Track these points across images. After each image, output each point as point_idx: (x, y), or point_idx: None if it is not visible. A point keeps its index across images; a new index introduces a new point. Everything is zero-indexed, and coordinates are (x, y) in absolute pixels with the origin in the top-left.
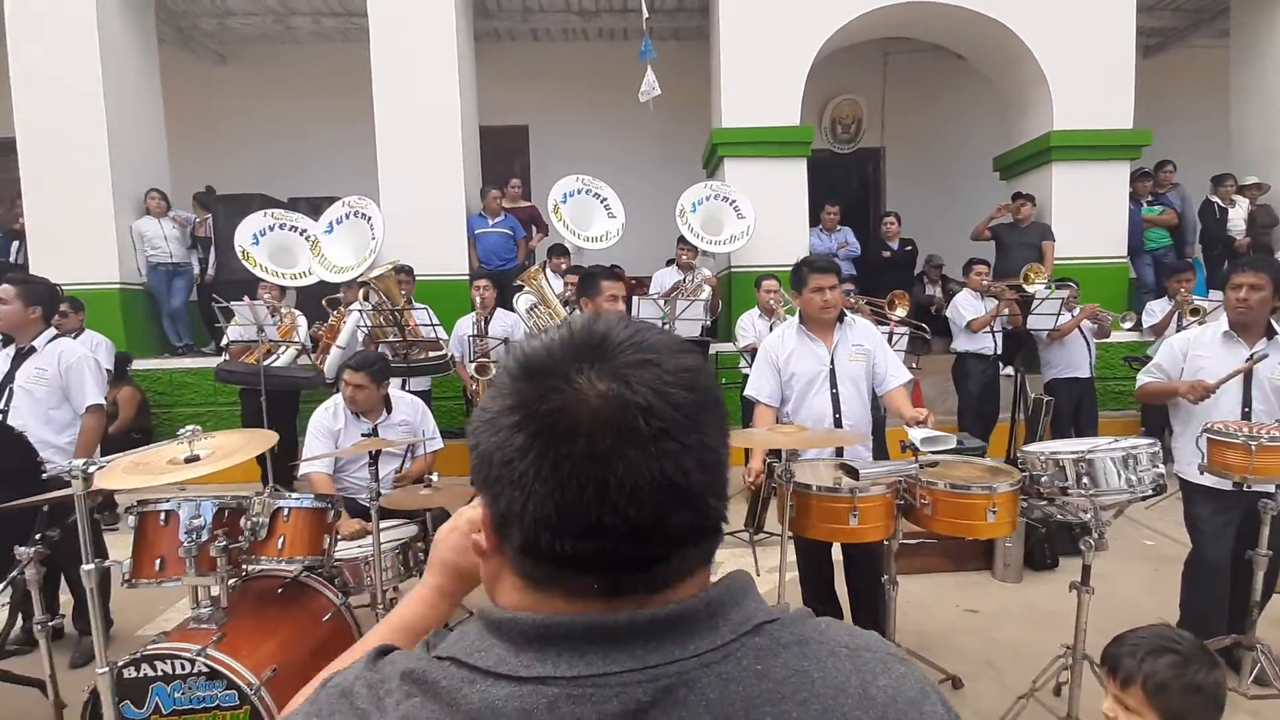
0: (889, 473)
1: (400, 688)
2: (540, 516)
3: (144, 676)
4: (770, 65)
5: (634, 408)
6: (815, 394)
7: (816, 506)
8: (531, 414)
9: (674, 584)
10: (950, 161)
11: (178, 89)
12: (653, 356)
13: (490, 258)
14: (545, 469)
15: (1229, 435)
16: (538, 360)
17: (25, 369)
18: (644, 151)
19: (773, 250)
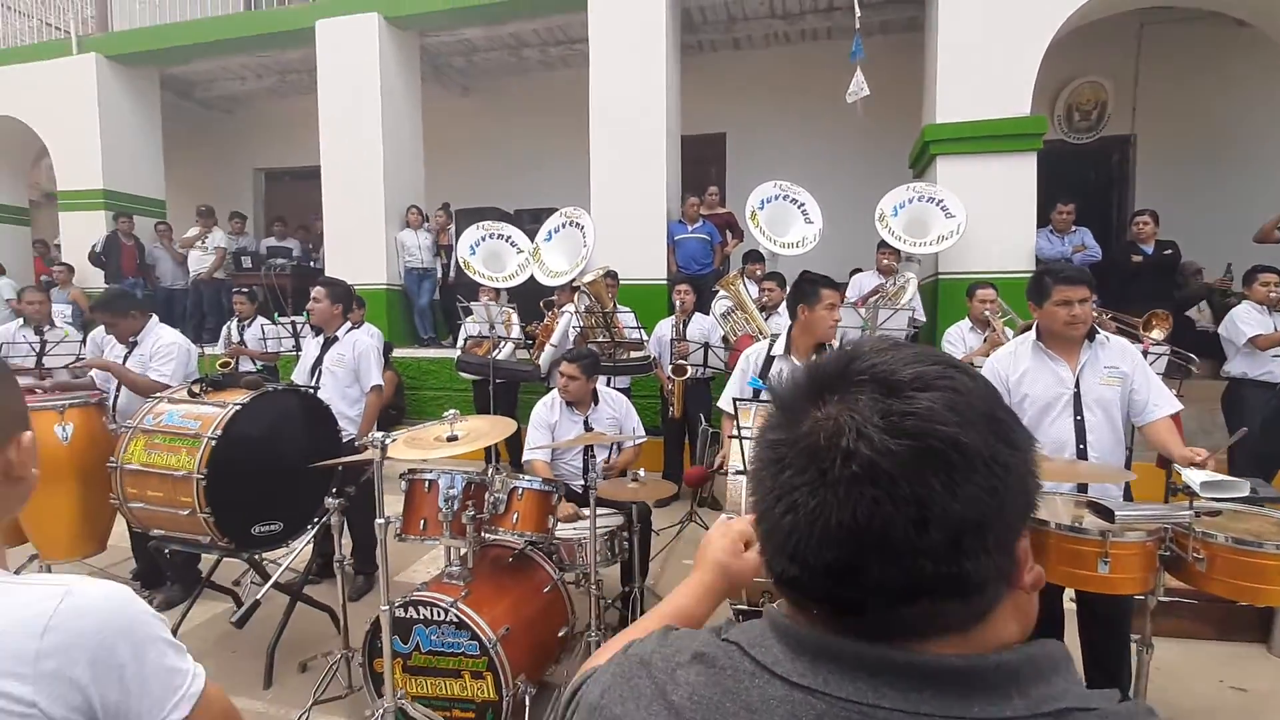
0: (1155, 518)
1: (691, 664)
2: (764, 531)
3: (409, 617)
4: (997, 51)
5: (834, 448)
6: (1054, 420)
7: (1055, 547)
8: (763, 436)
9: (928, 635)
10: (1222, 148)
11: (432, 118)
12: (881, 391)
13: (688, 263)
14: (765, 488)
15: None
16: (800, 380)
17: (330, 354)
18: (843, 154)
19: (991, 255)
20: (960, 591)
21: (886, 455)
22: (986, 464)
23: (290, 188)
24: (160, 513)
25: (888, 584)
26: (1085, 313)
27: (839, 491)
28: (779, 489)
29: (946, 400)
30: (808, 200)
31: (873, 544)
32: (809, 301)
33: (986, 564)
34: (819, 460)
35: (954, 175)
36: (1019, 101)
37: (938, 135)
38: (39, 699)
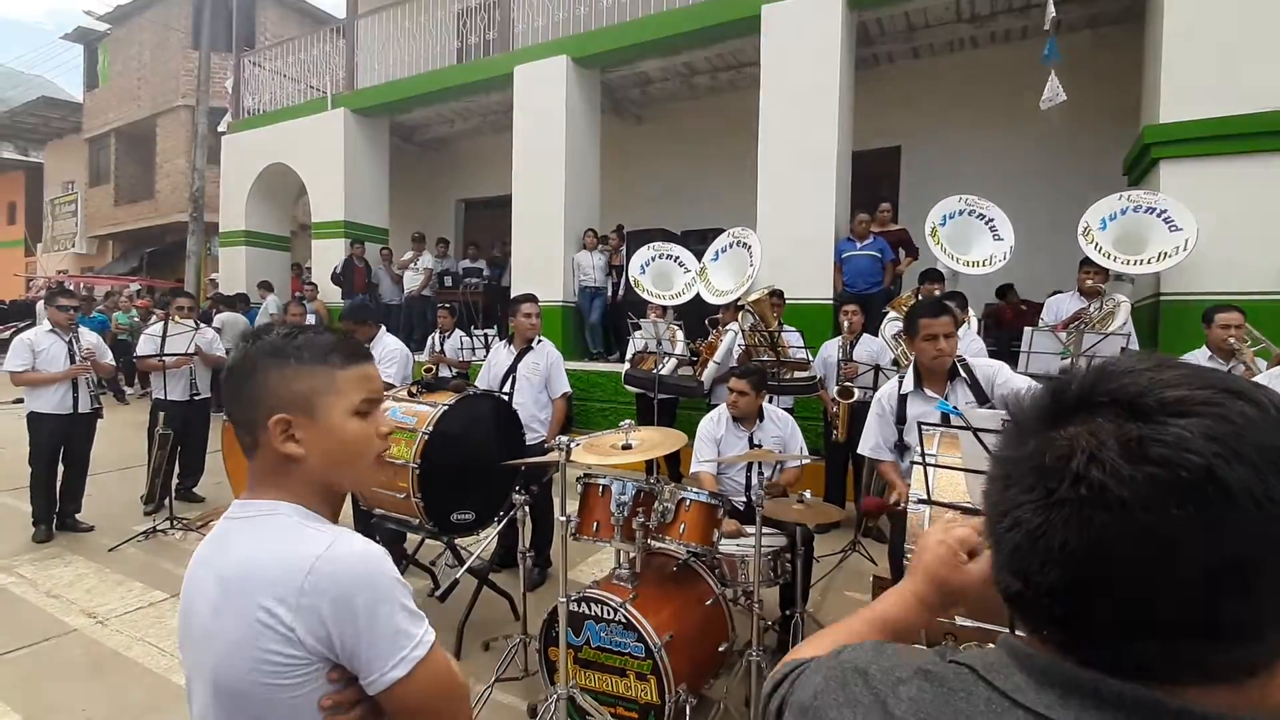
0: None
1: (914, 679)
2: (993, 544)
3: (582, 612)
4: (1245, 32)
5: (1064, 469)
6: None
7: None
8: (995, 453)
9: (1180, 679)
10: None
11: (608, 147)
12: (1124, 414)
13: (856, 280)
14: (992, 502)
15: None
16: (1041, 400)
17: (525, 362)
18: (1037, 164)
19: (1232, 273)
20: (1213, 635)
21: (1120, 481)
22: (1258, 503)
23: (485, 215)
24: (384, 495)
25: (1119, 617)
26: None
27: (1065, 511)
28: (1004, 504)
29: (1207, 428)
30: (997, 215)
31: (1098, 570)
32: (909, 333)
33: (1249, 612)
34: (1046, 479)
35: (1182, 181)
36: (1270, 93)
37: (1162, 136)
38: (297, 626)
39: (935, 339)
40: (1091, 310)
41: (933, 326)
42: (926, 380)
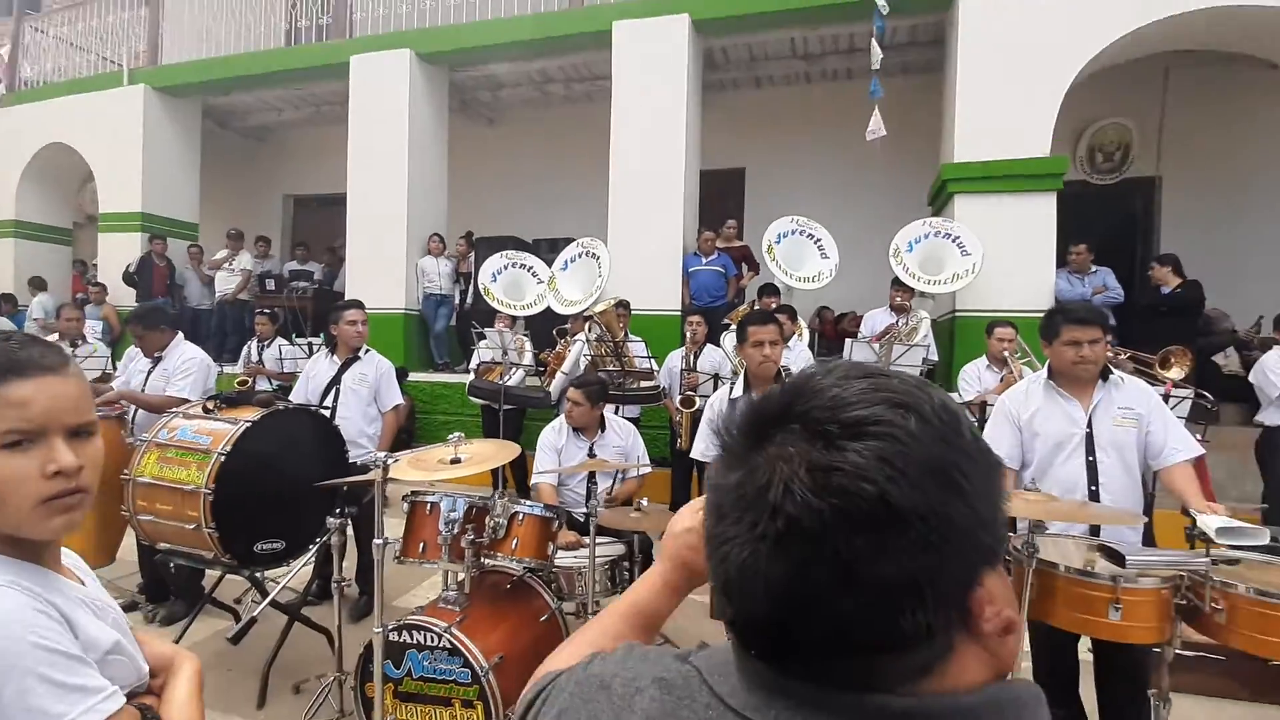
0: (1169, 564)
1: (650, 689)
2: (709, 569)
3: (403, 642)
4: (1017, 93)
5: (763, 501)
6: (1065, 460)
7: (1064, 590)
8: (709, 479)
9: (870, 686)
10: (1249, 193)
11: (457, 149)
12: (810, 439)
13: (701, 294)
14: (708, 532)
15: None
16: (742, 420)
17: (352, 373)
18: (861, 191)
19: (1009, 294)
20: (896, 647)
21: (811, 514)
22: (923, 519)
23: (316, 213)
24: (168, 526)
25: (818, 641)
26: (1095, 353)
27: (766, 547)
28: (716, 537)
29: (879, 451)
30: (824, 236)
31: (799, 603)
32: (740, 340)
33: (924, 620)
34: (750, 512)
35: (972, 214)
36: (1039, 142)
37: (956, 174)
38: None
39: (761, 345)
40: (900, 325)
41: (759, 334)
42: (755, 386)
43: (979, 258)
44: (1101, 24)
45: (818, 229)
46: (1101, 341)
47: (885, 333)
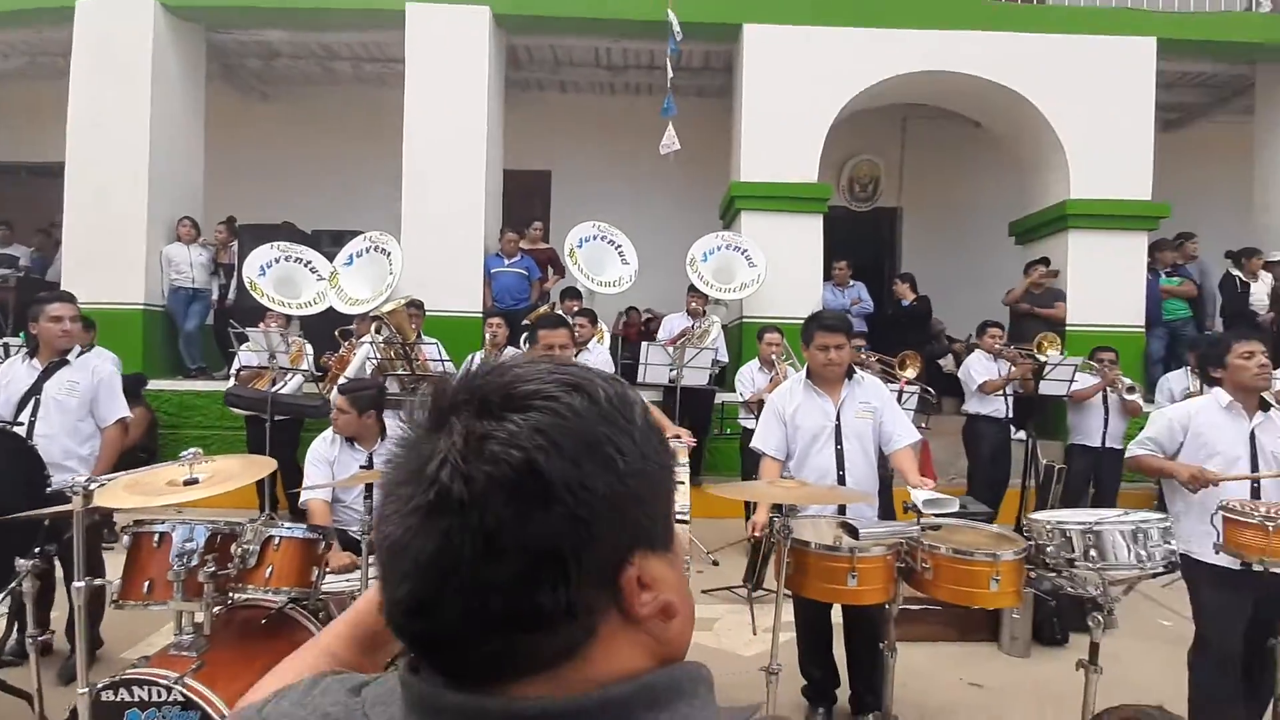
0: (890, 534)
1: None
2: None
3: (120, 701)
4: (790, 124)
5: (421, 475)
6: (820, 450)
7: (814, 565)
8: None
9: (510, 676)
10: (965, 225)
11: (219, 122)
12: (476, 412)
13: (504, 296)
14: (375, 515)
15: (1244, 514)
16: (422, 401)
17: (56, 380)
18: (663, 201)
19: (785, 303)
20: (535, 626)
21: (462, 482)
22: (572, 491)
23: (26, 186)
24: None
25: (457, 619)
26: (840, 356)
27: (416, 521)
28: (379, 519)
29: (538, 423)
30: (624, 242)
31: (441, 577)
32: (530, 342)
33: (567, 596)
34: (408, 487)
35: (756, 228)
36: (808, 169)
37: (742, 192)
38: None
39: (551, 349)
40: (694, 328)
41: (550, 338)
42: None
43: (762, 269)
44: (854, 75)
45: (618, 235)
46: (846, 346)
47: (680, 336)
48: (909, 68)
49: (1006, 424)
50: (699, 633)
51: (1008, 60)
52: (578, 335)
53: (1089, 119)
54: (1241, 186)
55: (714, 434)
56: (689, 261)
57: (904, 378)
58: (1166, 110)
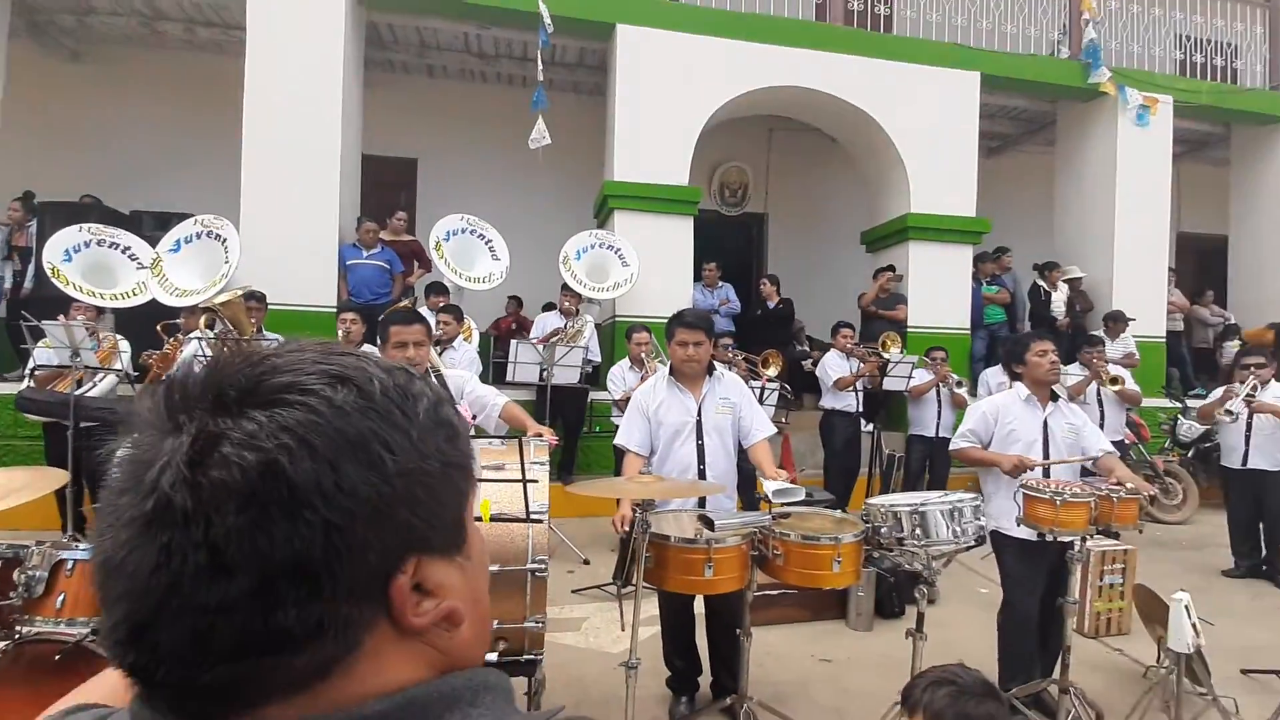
0: (743, 524)
1: None
2: None
3: None
4: (662, 127)
5: (142, 481)
6: (681, 444)
7: (674, 558)
8: None
9: (257, 702)
10: (824, 232)
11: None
12: (214, 410)
13: (362, 290)
14: None
15: (1039, 491)
16: (156, 400)
17: None
18: (538, 196)
19: (658, 302)
20: (276, 648)
21: (185, 490)
22: (324, 495)
23: None
24: None
25: (180, 645)
26: (699, 353)
27: (132, 534)
28: (96, 534)
29: (285, 420)
30: (495, 237)
31: (160, 598)
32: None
33: (318, 612)
34: (125, 497)
35: (628, 228)
36: (679, 172)
37: (615, 191)
38: None
39: (405, 346)
40: (568, 327)
41: (402, 334)
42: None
43: (636, 268)
44: (723, 84)
45: (488, 229)
46: (706, 343)
47: (553, 334)
48: (773, 81)
49: (857, 417)
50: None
51: (859, 82)
52: (442, 333)
53: (926, 141)
54: (1046, 209)
55: (586, 432)
56: (562, 259)
57: (766, 375)
58: (988, 138)
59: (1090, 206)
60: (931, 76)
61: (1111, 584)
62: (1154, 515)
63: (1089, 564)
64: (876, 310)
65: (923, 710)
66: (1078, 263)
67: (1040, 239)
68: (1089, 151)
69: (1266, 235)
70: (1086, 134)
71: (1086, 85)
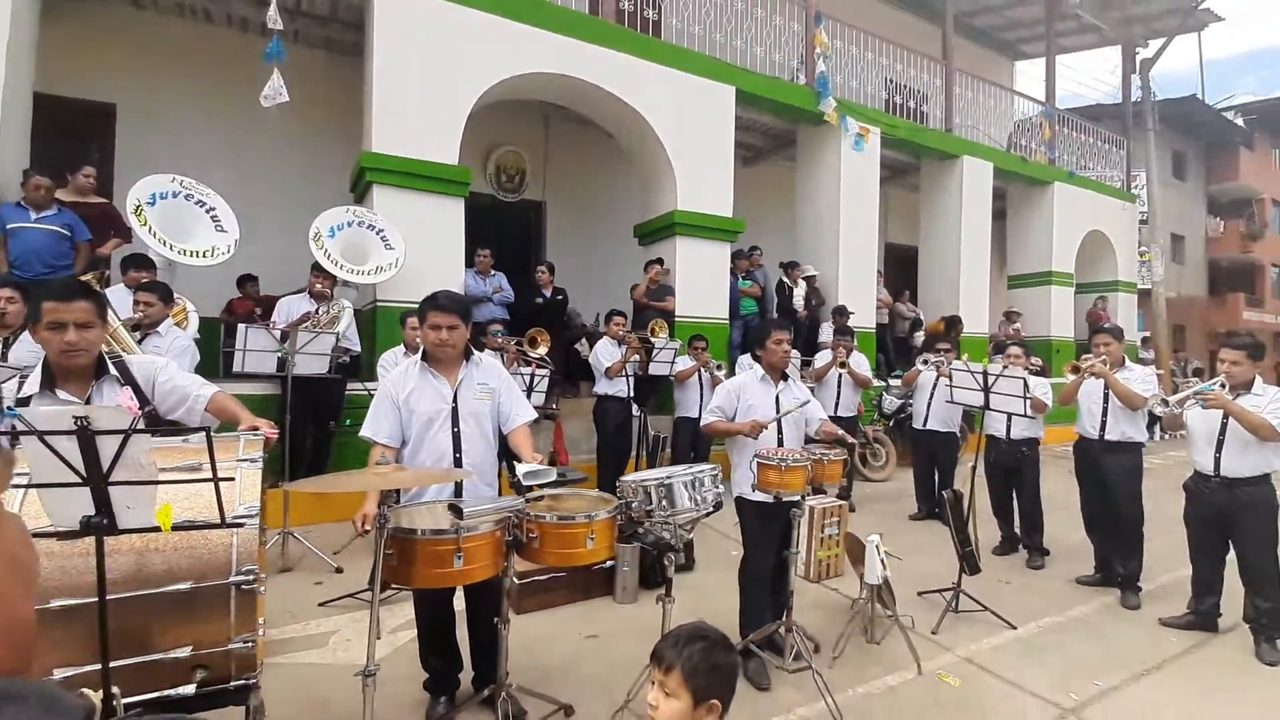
0: (494, 509)
1: None
2: None
3: None
4: (428, 101)
5: None
6: (436, 433)
7: (421, 552)
8: None
9: None
10: (602, 223)
11: None
12: None
13: (30, 261)
14: None
15: (769, 458)
16: None
17: None
18: (287, 164)
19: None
20: None
21: None
22: None
23: None
24: None
25: None
26: (454, 337)
27: None
28: None
29: None
30: (219, 205)
31: None
32: (33, 320)
33: None
34: None
35: (391, 206)
36: (449, 151)
37: (374, 164)
38: None
39: (63, 328)
40: (320, 312)
41: (58, 313)
42: (61, 381)
43: (401, 252)
44: (493, 64)
45: (210, 196)
46: (461, 327)
47: (302, 320)
48: (547, 68)
49: (629, 402)
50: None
51: (632, 82)
52: (142, 315)
53: (691, 144)
54: (790, 215)
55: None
56: (313, 236)
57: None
58: (744, 149)
59: (822, 216)
60: (696, 85)
61: (830, 534)
62: (864, 474)
63: (813, 519)
64: (648, 301)
65: (680, 667)
66: (813, 263)
67: (785, 241)
68: (820, 168)
69: (945, 248)
70: (819, 153)
71: (817, 111)
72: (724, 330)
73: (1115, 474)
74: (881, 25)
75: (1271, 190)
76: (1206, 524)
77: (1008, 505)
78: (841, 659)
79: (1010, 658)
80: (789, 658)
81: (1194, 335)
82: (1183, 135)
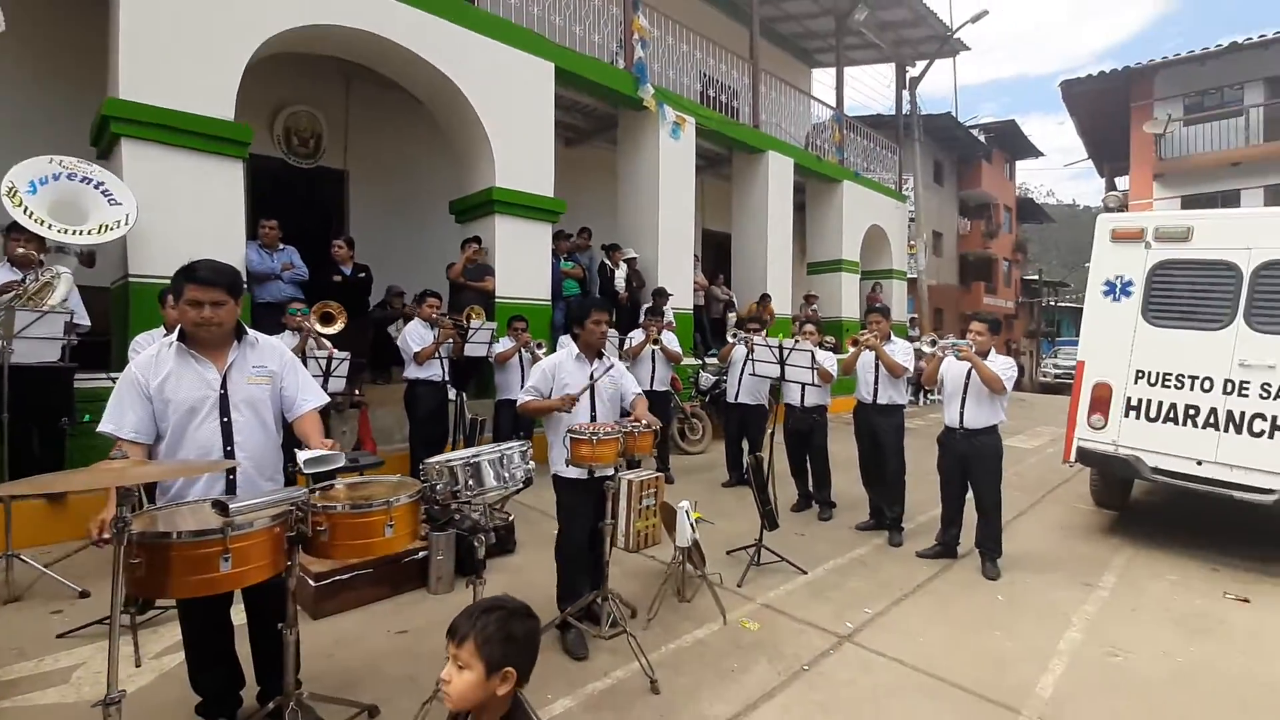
0: (272, 502)
1: None
2: None
3: None
4: (193, 45)
5: None
6: (200, 424)
7: (178, 557)
8: None
9: None
10: (413, 196)
11: None
12: None
13: None
14: None
15: (580, 433)
16: None
17: None
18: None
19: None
20: None
21: None
22: None
23: None
24: None
25: None
26: (220, 315)
27: None
28: None
29: None
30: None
31: None
32: None
33: None
34: None
35: (145, 167)
36: (222, 106)
37: (122, 113)
38: None
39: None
40: (28, 282)
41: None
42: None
43: (132, 209)
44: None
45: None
46: (229, 304)
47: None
48: (342, 20)
49: (443, 386)
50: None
51: (442, 45)
52: None
53: (509, 119)
54: (611, 198)
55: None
56: (7, 191)
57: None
58: (565, 129)
59: (642, 200)
60: (514, 58)
61: (648, 505)
62: (683, 448)
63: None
64: (466, 281)
65: (473, 637)
66: (634, 246)
67: (608, 223)
68: (640, 154)
69: (753, 235)
70: (638, 139)
71: (636, 96)
72: (546, 311)
73: (884, 433)
74: (697, 20)
75: (1004, 197)
76: (952, 468)
77: (803, 467)
78: (656, 620)
79: (801, 599)
80: (605, 625)
81: (950, 316)
82: (941, 146)
